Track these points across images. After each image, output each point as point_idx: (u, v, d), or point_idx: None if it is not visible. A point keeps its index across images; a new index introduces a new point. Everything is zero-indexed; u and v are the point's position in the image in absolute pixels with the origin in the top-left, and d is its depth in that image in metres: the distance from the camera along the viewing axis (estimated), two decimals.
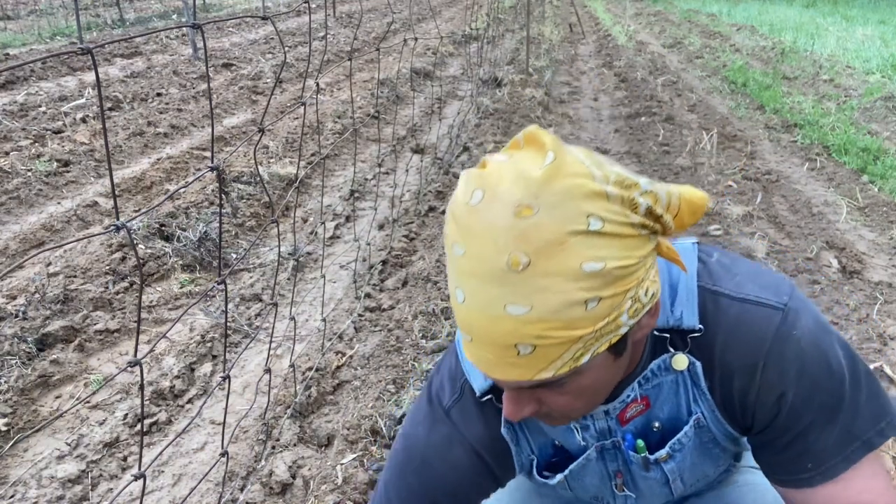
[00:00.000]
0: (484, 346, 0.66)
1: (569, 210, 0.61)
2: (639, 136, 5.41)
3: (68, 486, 2.06)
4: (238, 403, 2.43)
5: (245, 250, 3.23)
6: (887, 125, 5.52)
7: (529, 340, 0.63)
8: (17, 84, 6.50)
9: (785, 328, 0.78)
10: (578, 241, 0.61)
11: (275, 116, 5.77)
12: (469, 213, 0.64)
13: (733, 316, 0.80)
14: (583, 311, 0.63)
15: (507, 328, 0.63)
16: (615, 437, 0.90)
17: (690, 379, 0.84)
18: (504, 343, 0.64)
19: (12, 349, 2.60)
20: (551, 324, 0.62)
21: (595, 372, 0.71)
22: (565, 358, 0.65)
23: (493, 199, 0.62)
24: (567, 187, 0.62)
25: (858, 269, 3.25)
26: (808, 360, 0.78)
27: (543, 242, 0.60)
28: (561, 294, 0.61)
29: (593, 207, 0.62)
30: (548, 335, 0.63)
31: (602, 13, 13.75)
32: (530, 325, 0.62)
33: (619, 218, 0.63)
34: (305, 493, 2.03)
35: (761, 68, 7.86)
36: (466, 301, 0.65)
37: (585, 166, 0.64)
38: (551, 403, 0.74)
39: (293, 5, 12.29)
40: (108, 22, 10.56)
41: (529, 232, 0.61)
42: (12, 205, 4.00)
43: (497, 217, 0.62)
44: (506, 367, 0.66)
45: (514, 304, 0.62)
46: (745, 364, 0.80)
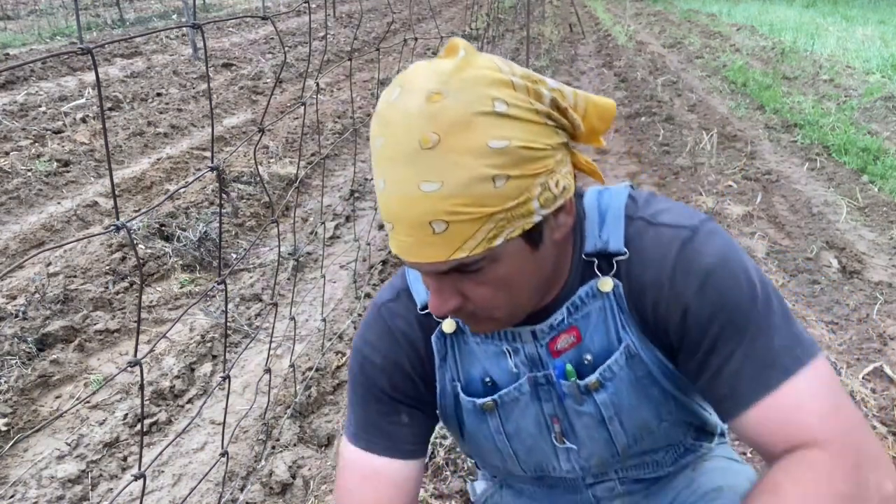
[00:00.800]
0: (403, 229, 0.69)
1: (475, 94, 0.66)
2: (639, 136, 5.41)
3: (68, 486, 2.06)
4: (238, 403, 2.43)
5: (245, 250, 3.23)
6: (887, 125, 5.52)
7: (442, 217, 0.66)
8: (17, 84, 6.50)
9: (692, 245, 0.80)
10: (484, 120, 0.66)
11: (275, 116, 5.77)
12: (388, 107, 0.68)
13: (648, 238, 0.83)
14: (491, 187, 0.66)
15: (421, 207, 0.66)
16: (546, 368, 0.89)
17: (616, 303, 0.85)
18: (420, 221, 0.67)
19: (12, 349, 2.61)
20: (462, 199, 0.66)
21: (511, 261, 0.73)
22: (478, 237, 0.68)
23: (408, 92, 0.67)
24: (474, 76, 0.67)
25: (858, 269, 3.25)
26: (713, 275, 0.79)
27: (451, 122, 0.65)
28: (469, 169, 0.65)
29: (499, 93, 0.67)
30: (459, 210, 0.66)
31: (602, 13, 13.75)
32: (442, 201, 0.66)
33: (524, 104, 0.68)
34: (305, 493, 2.03)
35: (761, 68, 7.86)
36: (386, 187, 0.69)
37: (494, 63, 0.69)
38: (473, 297, 0.76)
39: (293, 5, 12.29)
40: (108, 22, 10.57)
41: (438, 113, 0.65)
42: (12, 205, 4.00)
43: (410, 104, 0.66)
44: (423, 247, 0.69)
45: (427, 182, 0.66)
46: (653, 279, 0.82)
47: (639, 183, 4.44)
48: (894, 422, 2.21)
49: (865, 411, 2.23)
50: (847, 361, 2.54)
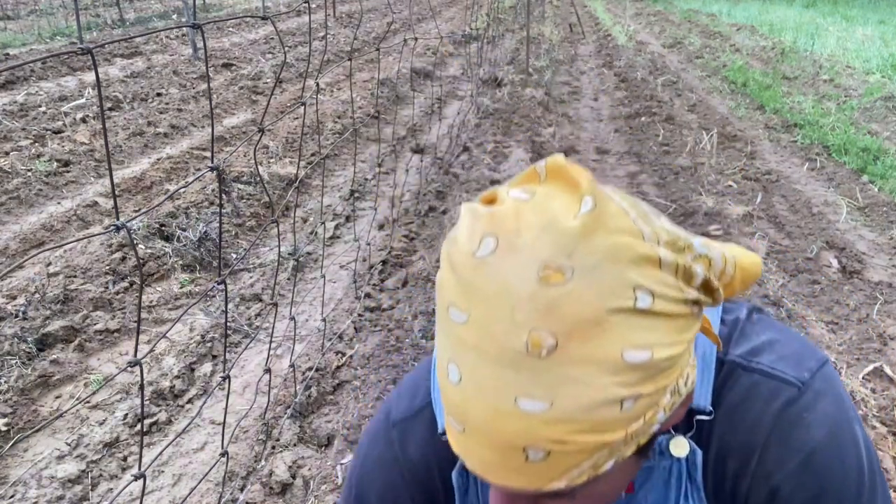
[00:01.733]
0: (480, 444, 0.52)
1: (612, 278, 0.48)
2: (639, 136, 5.41)
3: (68, 486, 2.06)
4: (238, 403, 2.43)
5: (245, 250, 3.23)
6: (887, 125, 5.52)
7: (544, 445, 0.49)
8: (17, 84, 6.50)
9: (795, 408, 0.65)
10: (621, 320, 0.48)
11: (275, 116, 5.77)
12: (476, 267, 0.50)
13: (741, 390, 0.67)
14: (617, 411, 0.49)
15: (516, 427, 0.49)
16: None
17: (687, 470, 0.71)
18: (509, 444, 0.50)
19: (12, 349, 2.61)
20: (575, 426, 0.49)
21: (614, 477, 0.57)
22: (584, 466, 0.51)
23: (509, 252, 0.49)
24: (610, 247, 0.48)
25: (858, 269, 3.25)
26: (817, 452, 0.63)
27: (577, 320, 0.47)
28: (593, 390, 0.48)
29: (642, 277, 0.49)
30: (569, 440, 0.49)
31: (602, 13, 13.75)
32: (548, 427, 0.49)
33: (673, 293, 0.51)
34: (305, 493, 2.03)
35: (761, 68, 7.86)
36: (464, 383, 0.51)
37: (631, 219, 0.50)
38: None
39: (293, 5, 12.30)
40: (108, 22, 10.57)
41: (559, 304, 0.47)
42: (12, 205, 4.00)
43: (516, 279, 0.48)
44: (507, 472, 0.52)
45: (530, 399, 0.48)
46: (742, 445, 0.67)
47: (639, 183, 4.44)
48: (894, 422, 2.21)
49: (865, 411, 2.23)
50: (847, 361, 2.54)
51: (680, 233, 0.54)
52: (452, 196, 4.15)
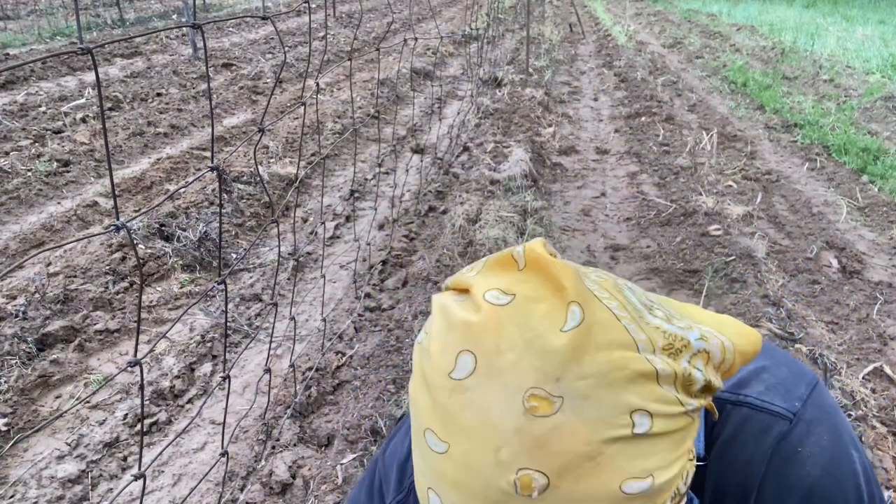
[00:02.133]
0: None
1: (606, 404, 0.43)
2: (639, 136, 5.41)
3: (68, 486, 2.06)
4: (238, 403, 2.43)
5: (245, 250, 3.23)
6: (887, 125, 5.52)
7: None
8: (17, 84, 6.50)
9: (789, 443, 0.62)
10: (618, 451, 0.43)
11: (275, 116, 5.77)
12: (453, 392, 0.44)
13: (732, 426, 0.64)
14: None
15: None
16: None
17: None
18: None
19: (12, 349, 2.61)
20: None
21: None
22: None
23: (490, 376, 0.43)
24: (603, 368, 0.43)
25: (858, 269, 3.25)
26: (816, 488, 0.60)
27: (569, 456, 0.42)
28: None
29: (639, 398, 0.44)
30: None
31: (602, 13, 13.75)
32: None
33: (672, 409, 0.46)
34: (305, 493, 2.03)
35: (761, 68, 7.86)
36: None
37: (623, 326, 0.45)
38: None
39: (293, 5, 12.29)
40: (108, 22, 10.57)
41: (549, 440, 0.42)
42: (12, 205, 4.00)
43: (499, 412, 0.43)
44: None
45: None
46: (737, 484, 0.63)
47: (639, 183, 4.44)
48: (894, 422, 2.21)
49: (865, 411, 2.23)
50: (847, 361, 2.54)
51: (675, 328, 0.49)
52: (452, 196, 4.15)
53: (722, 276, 3.09)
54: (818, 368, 2.39)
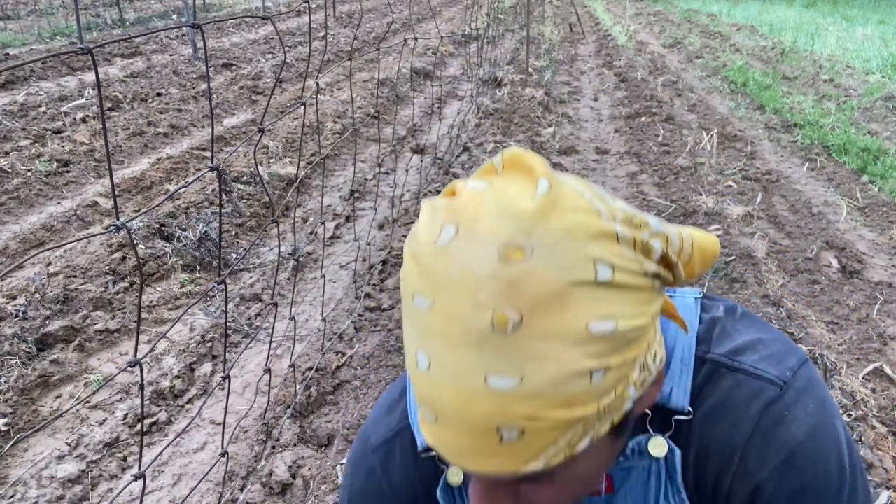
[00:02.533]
0: (455, 430, 0.51)
1: (571, 253, 0.48)
2: (639, 136, 5.41)
3: (68, 486, 2.06)
4: (238, 403, 2.43)
5: (245, 250, 3.23)
6: (887, 125, 5.52)
7: (517, 423, 0.49)
8: (17, 84, 6.50)
9: (777, 407, 0.66)
10: (583, 293, 0.48)
11: (275, 116, 5.77)
12: (437, 255, 0.50)
13: (723, 388, 0.68)
14: (587, 384, 0.49)
15: (487, 406, 0.48)
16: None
17: (666, 470, 0.71)
18: (483, 426, 0.49)
19: (12, 349, 2.61)
20: (546, 401, 0.48)
21: (590, 459, 0.56)
22: (560, 444, 0.51)
23: (469, 236, 0.49)
24: (568, 225, 0.49)
25: (858, 269, 3.25)
26: (799, 451, 0.65)
27: (539, 295, 0.47)
28: (561, 363, 0.48)
29: (601, 251, 0.50)
30: (541, 416, 0.49)
31: (602, 13, 13.75)
32: (520, 403, 0.48)
33: (632, 266, 0.51)
34: (305, 493, 2.03)
35: (761, 68, 7.86)
36: (433, 370, 0.50)
37: (586, 199, 0.51)
38: (535, 499, 0.58)
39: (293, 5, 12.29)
40: (108, 22, 10.57)
41: (521, 281, 0.47)
42: (12, 205, 4.00)
43: (477, 261, 0.48)
44: (483, 457, 0.51)
45: (499, 375, 0.47)
46: (724, 444, 0.67)
47: (638, 183, 4.44)
48: (894, 422, 2.21)
49: (865, 411, 2.23)
50: (847, 361, 2.55)
51: (636, 212, 0.55)
52: None
53: (722, 276, 3.09)
54: (818, 368, 2.40)
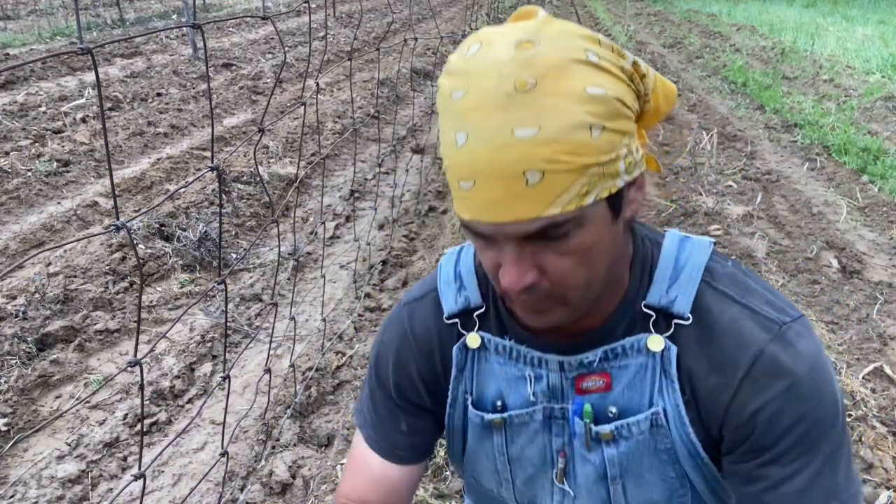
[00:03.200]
0: (490, 183, 0.64)
1: (567, 42, 0.64)
2: None
3: (68, 486, 2.06)
4: (238, 403, 2.43)
5: (245, 250, 3.23)
6: (887, 125, 5.52)
7: (539, 165, 0.62)
8: (17, 84, 6.50)
9: (783, 342, 0.74)
10: (580, 67, 0.63)
11: (275, 116, 5.77)
12: (468, 60, 0.65)
13: (728, 315, 0.76)
14: (588, 136, 0.63)
15: (516, 153, 0.62)
16: (566, 402, 0.84)
17: (661, 365, 0.79)
18: (512, 171, 0.62)
19: (12, 349, 2.61)
20: (560, 146, 0.62)
21: (595, 228, 0.68)
22: (572, 192, 0.64)
23: (490, 45, 0.64)
24: (563, 28, 0.66)
25: (858, 269, 3.25)
26: (802, 382, 0.72)
27: (547, 66, 0.62)
28: (568, 114, 0.62)
29: (589, 44, 0.65)
30: (557, 159, 0.62)
31: (602, 13, 13.75)
32: (540, 147, 0.62)
33: (612, 60, 0.66)
34: (305, 493, 2.03)
35: (761, 68, 7.86)
36: (470, 139, 0.64)
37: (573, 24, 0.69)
38: (552, 270, 0.69)
39: (293, 5, 12.29)
40: (108, 22, 10.57)
41: (533, 59, 0.62)
42: (12, 205, 4.00)
43: (499, 53, 0.63)
44: (513, 201, 0.63)
45: (523, 127, 0.61)
46: (726, 361, 0.75)
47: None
48: (894, 422, 2.21)
49: (865, 411, 2.23)
50: (847, 361, 2.55)
51: None
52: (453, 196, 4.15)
53: None
54: None
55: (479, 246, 0.73)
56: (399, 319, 0.93)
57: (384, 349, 0.94)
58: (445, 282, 0.90)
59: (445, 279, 0.90)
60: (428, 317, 0.91)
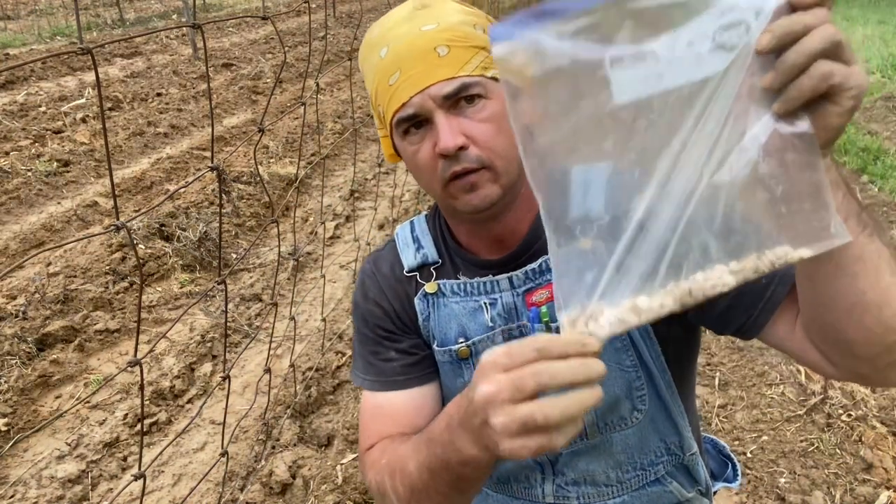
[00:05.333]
0: (411, 63, 0.82)
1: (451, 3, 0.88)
2: None
3: (68, 486, 2.06)
4: (238, 403, 2.43)
5: (245, 250, 3.23)
6: (887, 125, 5.52)
7: (445, 42, 0.82)
8: (17, 84, 6.50)
9: None
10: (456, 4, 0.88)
11: (275, 116, 5.77)
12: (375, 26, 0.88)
13: None
14: (472, 30, 0.84)
15: (425, 39, 0.82)
16: (521, 319, 0.92)
17: None
18: (426, 49, 0.82)
19: (12, 349, 2.61)
20: (455, 32, 0.83)
21: (500, 102, 0.84)
22: (474, 63, 0.83)
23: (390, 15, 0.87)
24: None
25: None
26: None
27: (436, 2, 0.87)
28: (456, 15, 0.85)
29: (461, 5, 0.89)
30: (456, 39, 0.82)
31: None
32: (442, 33, 0.82)
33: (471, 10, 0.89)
34: (305, 493, 2.03)
35: None
36: (391, 46, 0.84)
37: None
38: (476, 134, 0.83)
39: (293, 5, 12.28)
40: (108, 22, 10.57)
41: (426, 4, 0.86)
42: (12, 205, 4.00)
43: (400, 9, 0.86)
44: (433, 70, 0.81)
45: (426, 24, 0.83)
46: None
47: None
48: (894, 422, 2.21)
49: (865, 411, 2.23)
50: None
51: None
52: None
53: None
54: None
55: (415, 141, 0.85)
56: (366, 269, 1.04)
57: (358, 292, 1.04)
58: (404, 243, 1.01)
59: (404, 241, 1.02)
60: (392, 263, 1.02)
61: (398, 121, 0.84)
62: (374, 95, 0.87)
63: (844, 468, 2.03)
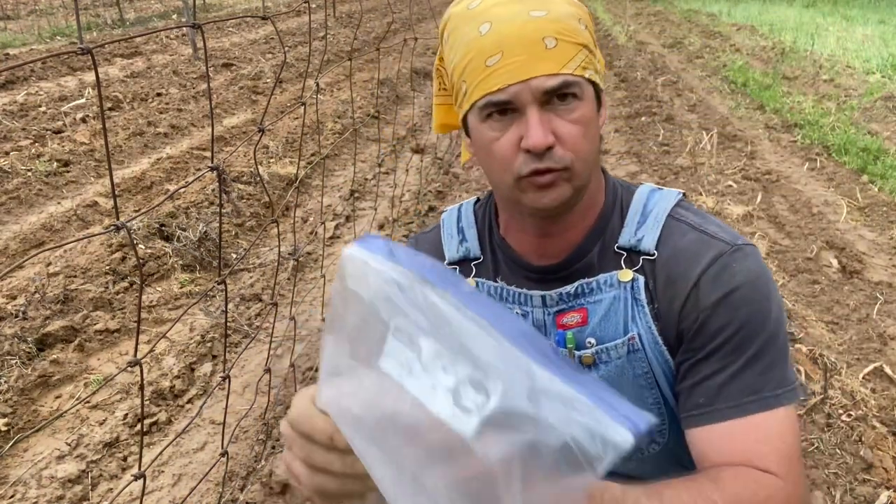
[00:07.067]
0: (516, 49, 0.80)
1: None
2: (639, 136, 5.41)
3: (68, 486, 2.06)
4: (238, 403, 2.43)
5: (245, 250, 3.23)
6: (887, 125, 5.52)
7: (553, 34, 0.80)
8: (17, 84, 6.50)
9: (729, 258, 0.85)
10: None
11: (275, 116, 5.77)
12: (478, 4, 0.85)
13: (687, 240, 0.88)
14: (578, 25, 0.83)
15: (534, 26, 0.80)
16: (548, 337, 0.94)
17: (631, 294, 0.89)
18: (533, 39, 0.80)
19: (12, 349, 2.61)
20: (563, 25, 0.81)
21: (590, 106, 0.84)
22: (577, 61, 0.82)
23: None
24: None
25: (858, 269, 3.25)
26: (738, 291, 0.83)
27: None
28: (565, 6, 0.83)
29: None
30: (564, 32, 0.81)
31: (602, 13, 13.74)
32: (551, 23, 0.81)
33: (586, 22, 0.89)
34: None
35: (761, 68, 7.86)
36: (494, 25, 0.81)
37: None
38: (563, 134, 0.82)
39: (293, 5, 12.28)
40: (108, 22, 10.57)
41: None
42: (12, 205, 4.00)
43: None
44: (537, 62, 0.79)
45: (536, 10, 0.81)
46: (683, 275, 0.86)
47: (638, 183, 4.44)
48: (894, 422, 2.21)
49: (865, 411, 2.23)
50: (847, 361, 2.54)
51: None
52: (452, 196, 4.15)
53: None
54: (818, 368, 2.40)
55: (496, 128, 0.83)
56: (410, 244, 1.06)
57: None
58: (448, 234, 1.02)
59: (448, 231, 1.02)
60: (433, 249, 1.02)
61: (486, 104, 0.82)
62: (461, 69, 0.83)
63: (844, 468, 2.03)
